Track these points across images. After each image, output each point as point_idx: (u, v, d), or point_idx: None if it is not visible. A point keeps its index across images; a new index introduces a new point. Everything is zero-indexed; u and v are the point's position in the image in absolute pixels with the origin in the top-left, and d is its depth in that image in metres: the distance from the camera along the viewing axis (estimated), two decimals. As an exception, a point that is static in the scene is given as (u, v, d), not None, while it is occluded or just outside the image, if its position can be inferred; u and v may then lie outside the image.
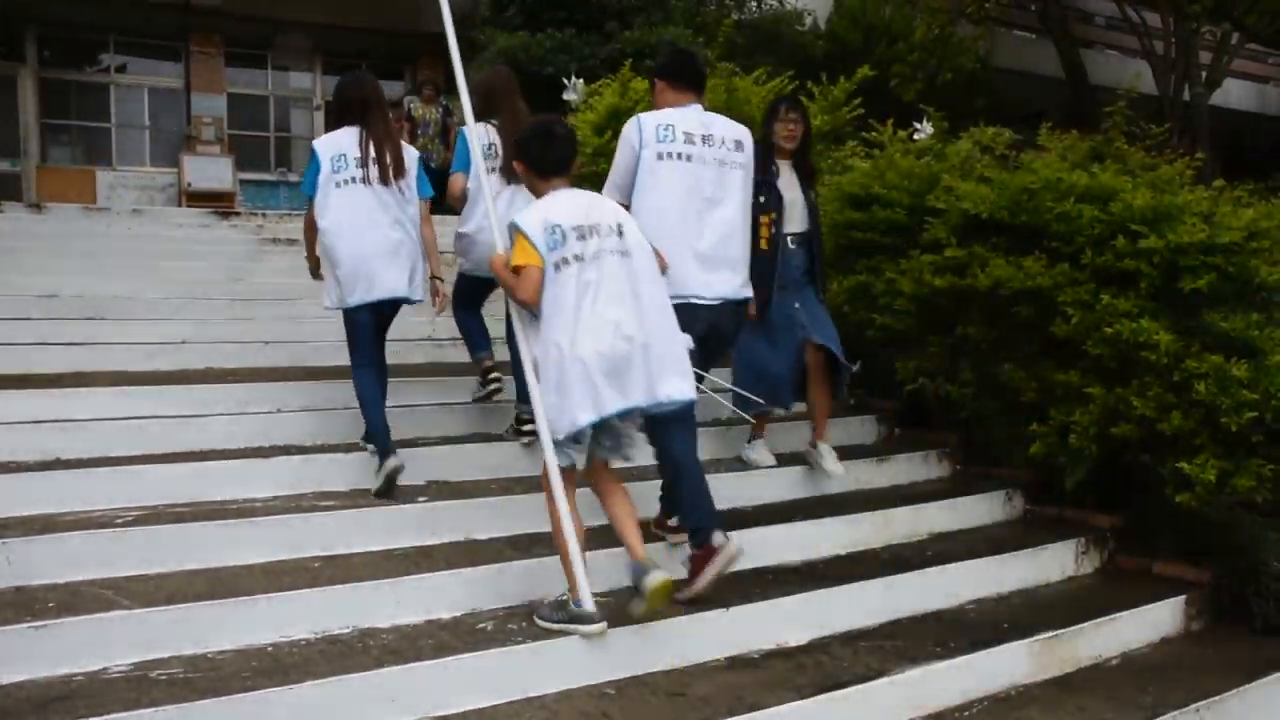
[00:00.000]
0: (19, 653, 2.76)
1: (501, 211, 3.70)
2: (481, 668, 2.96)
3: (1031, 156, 5.53)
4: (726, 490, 4.47)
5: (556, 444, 3.11)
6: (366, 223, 4.02)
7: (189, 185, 13.77)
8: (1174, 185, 5.01)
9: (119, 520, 3.51)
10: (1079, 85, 13.40)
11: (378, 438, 4.01)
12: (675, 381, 3.15)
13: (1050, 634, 3.61)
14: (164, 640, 2.92)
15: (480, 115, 4.18)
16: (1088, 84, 13.39)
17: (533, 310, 3.13)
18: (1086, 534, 4.52)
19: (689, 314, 3.54)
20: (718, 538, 3.43)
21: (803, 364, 4.59)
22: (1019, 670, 3.50)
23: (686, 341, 3.28)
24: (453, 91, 8.78)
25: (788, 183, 4.53)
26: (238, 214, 9.48)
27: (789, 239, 4.50)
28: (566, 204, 3.17)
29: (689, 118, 3.74)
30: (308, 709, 2.70)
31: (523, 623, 3.26)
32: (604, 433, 3.19)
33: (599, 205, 3.27)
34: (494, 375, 4.59)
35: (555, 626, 3.14)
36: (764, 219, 4.35)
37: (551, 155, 3.27)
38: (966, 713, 3.29)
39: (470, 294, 4.64)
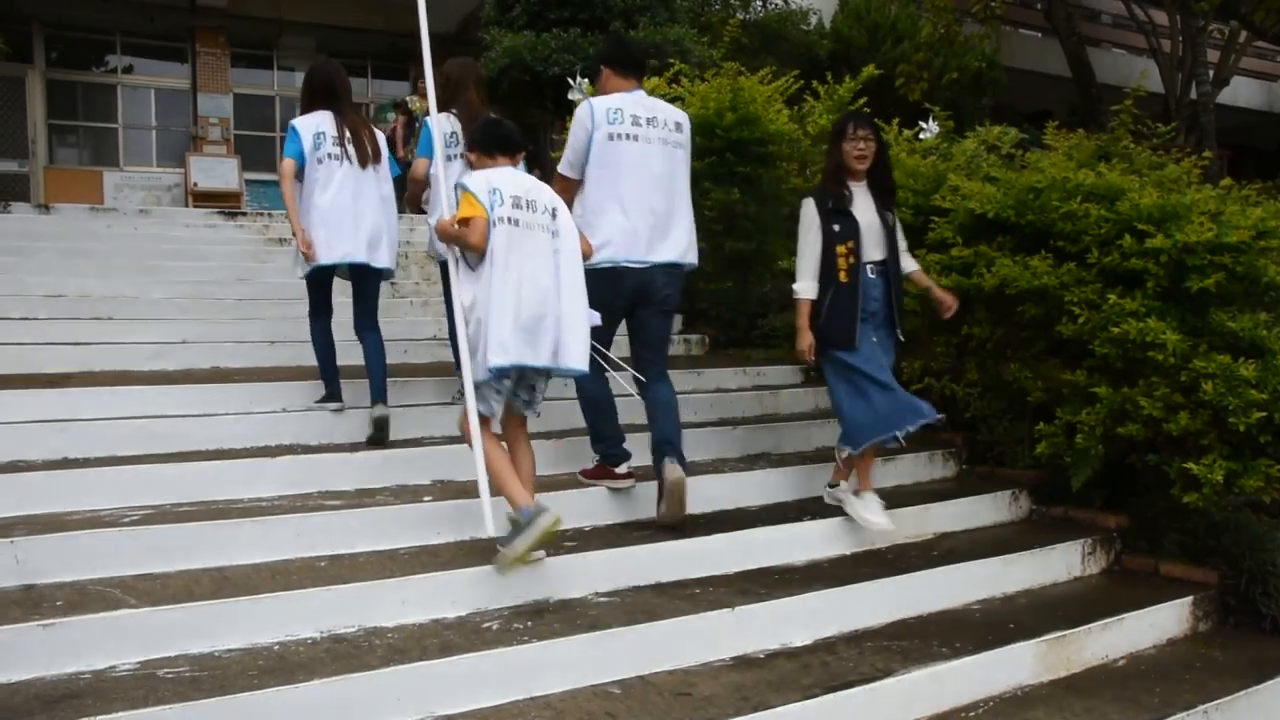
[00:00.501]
0: (27, 651, 2.77)
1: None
2: (486, 667, 2.96)
3: (1038, 156, 5.52)
4: (731, 490, 4.49)
5: (478, 389, 3.50)
6: (342, 195, 4.40)
7: (195, 185, 13.79)
8: (1181, 184, 5.00)
9: (126, 519, 3.52)
10: (1085, 84, 13.35)
11: (330, 385, 4.57)
12: (578, 353, 3.59)
13: (1057, 634, 3.61)
14: (171, 639, 2.93)
15: (442, 105, 4.51)
16: (1094, 82, 13.34)
17: (471, 262, 3.54)
18: (1093, 534, 4.52)
19: (635, 275, 4.08)
20: (667, 468, 3.99)
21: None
22: (1025, 671, 3.50)
23: (594, 318, 3.72)
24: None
25: (863, 205, 4.20)
26: (244, 214, 9.49)
27: (868, 268, 4.17)
28: (508, 177, 3.63)
29: (635, 102, 4.16)
30: (314, 708, 2.71)
31: (528, 622, 3.27)
32: (520, 386, 3.63)
33: (538, 188, 3.71)
34: None
35: (521, 543, 3.35)
36: (841, 248, 4.11)
37: (497, 138, 3.73)
38: (973, 713, 3.29)
39: (440, 278, 4.86)
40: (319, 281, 4.56)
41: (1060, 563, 4.36)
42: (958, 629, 3.68)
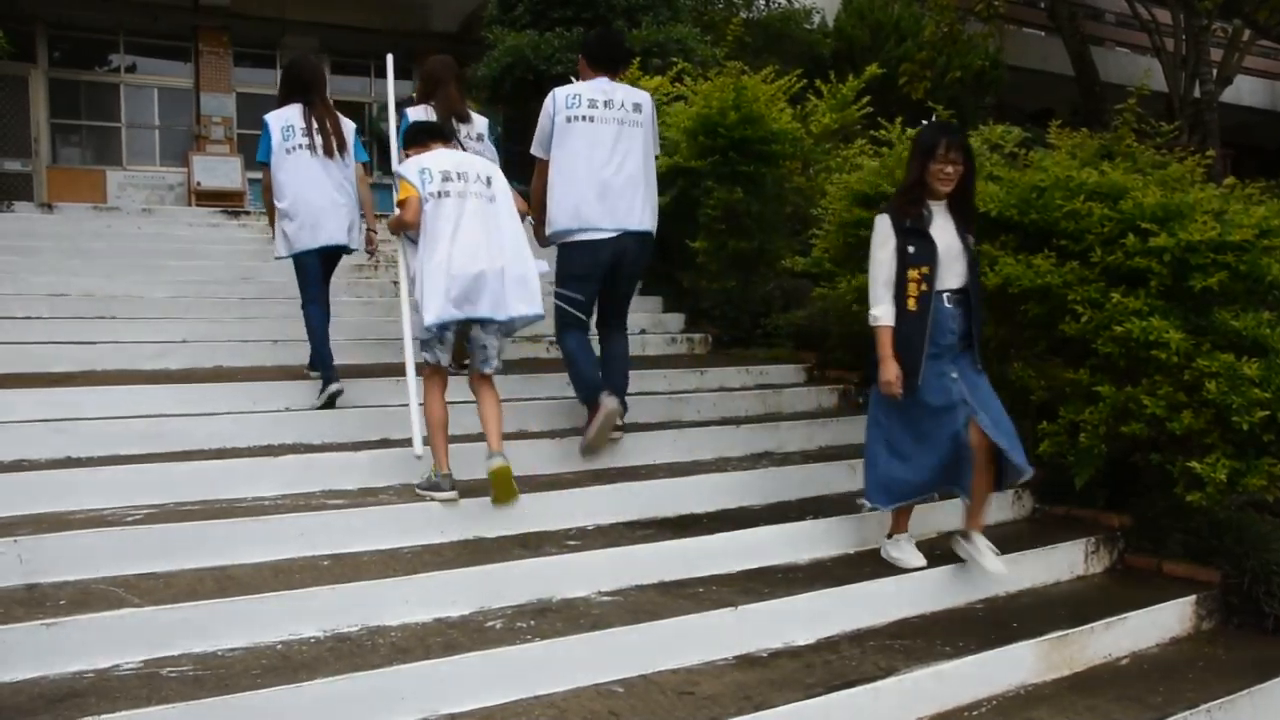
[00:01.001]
0: (31, 650, 2.78)
1: None
2: (490, 666, 2.97)
3: (1041, 154, 5.50)
4: (733, 489, 4.49)
5: (424, 344, 3.96)
6: (312, 184, 4.77)
7: (198, 184, 13.80)
8: (1184, 183, 4.98)
9: (129, 518, 3.52)
10: (1088, 83, 13.32)
11: (324, 366, 4.71)
12: (524, 301, 3.98)
13: (1059, 633, 3.61)
14: (174, 638, 2.94)
15: (423, 98, 5.21)
16: (1097, 81, 13.32)
17: (412, 235, 4.03)
18: (1096, 533, 4.51)
19: (595, 245, 4.48)
20: (604, 399, 4.42)
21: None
22: (1028, 670, 3.50)
23: (541, 266, 4.15)
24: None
25: (942, 228, 3.83)
26: (246, 213, 9.49)
27: (944, 297, 3.79)
28: (439, 157, 4.11)
29: (594, 88, 4.55)
30: (317, 707, 2.71)
31: (531, 621, 3.27)
32: (473, 344, 4.05)
33: (469, 161, 4.18)
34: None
35: (424, 494, 3.90)
36: (913, 273, 3.74)
37: (425, 129, 4.34)
38: (976, 712, 3.29)
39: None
40: (305, 266, 4.86)
41: (1063, 562, 4.36)
42: (961, 628, 3.68)
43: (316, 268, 4.87)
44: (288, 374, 5.06)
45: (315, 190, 4.77)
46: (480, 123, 5.39)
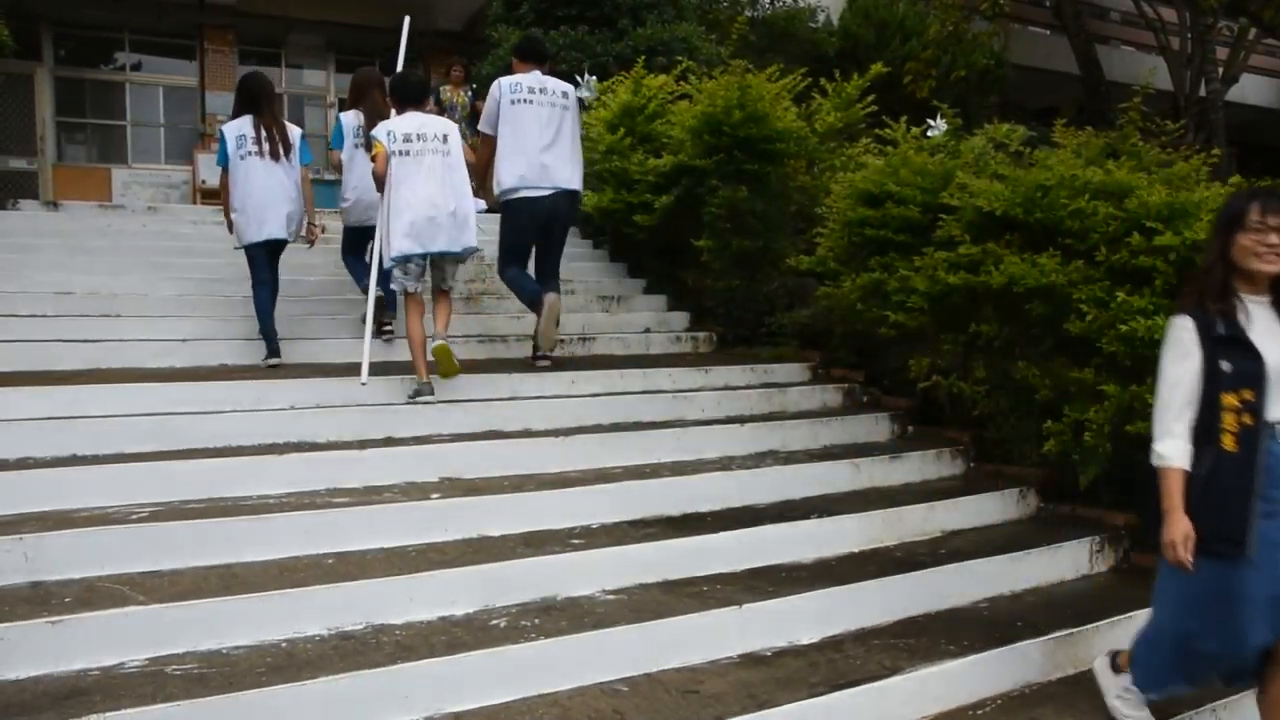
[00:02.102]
0: (36, 648, 2.78)
1: (362, 172, 5.71)
2: (494, 665, 2.97)
3: (1046, 153, 5.50)
4: (738, 487, 4.49)
5: (398, 275, 5.00)
6: (259, 186, 5.52)
7: (203, 182, 13.76)
8: (1190, 182, 4.97)
9: (134, 516, 3.53)
10: (1094, 81, 13.31)
11: (268, 339, 5.43)
12: (470, 235, 5.02)
13: (1065, 632, 3.60)
14: (179, 636, 2.94)
15: (352, 104, 6.13)
16: (1102, 80, 13.30)
17: (381, 184, 4.98)
18: (1101, 532, 4.51)
19: (544, 201, 5.55)
20: (545, 297, 5.45)
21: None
22: (1033, 669, 3.49)
23: (479, 205, 5.35)
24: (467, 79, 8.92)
25: (1267, 332, 2.82)
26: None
27: (1278, 431, 2.80)
28: (405, 120, 5.05)
29: (531, 79, 5.65)
30: (322, 706, 2.71)
31: (536, 619, 3.27)
32: (435, 271, 5.12)
33: (430, 123, 5.10)
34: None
35: (413, 400, 4.78)
36: (1230, 399, 2.78)
37: (407, 93, 5.20)
38: (980, 711, 3.28)
39: (352, 243, 6.14)
40: (254, 256, 5.57)
41: (1068, 561, 4.35)
42: (965, 627, 3.67)
43: (263, 257, 5.58)
44: (292, 372, 5.07)
45: (262, 191, 5.51)
46: None
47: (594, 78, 8.89)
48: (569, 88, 5.80)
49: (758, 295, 6.95)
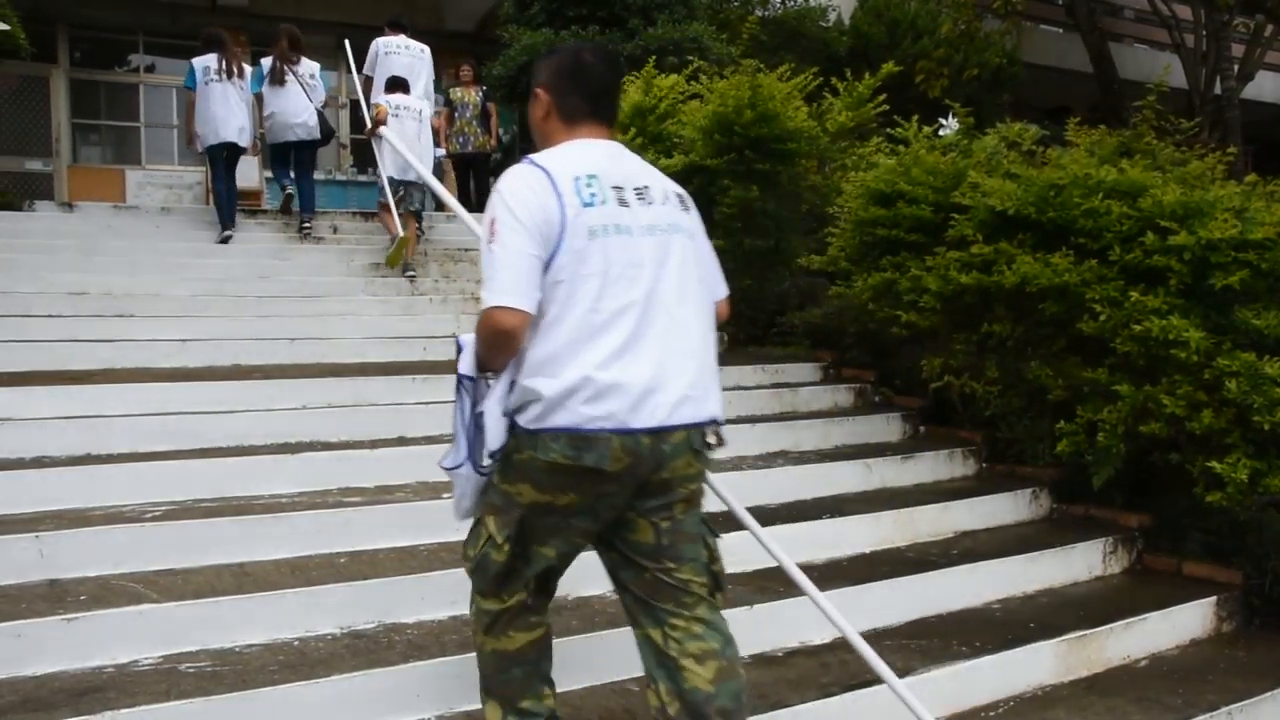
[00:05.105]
0: (52, 644, 2.80)
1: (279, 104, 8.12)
2: (506, 664, 2.96)
3: (1059, 152, 5.48)
4: (749, 487, 4.48)
5: (391, 193, 7.51)
6: (218, 103, 7.65)
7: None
8: (1205, 180, 4.95)
9: (148, 515, 3.55)
10: (1107, 79, 13.25)
11: (226, 220, 7.69)
12: (421, 173, 5.27)
13: (1078, 634, 3.59)
14: (192, 634, 2.96)
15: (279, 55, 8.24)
16: (1116, 78, 13.23)
17: (379, 133, 7.03)
18: (1114, 533, 4.49)
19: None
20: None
21: None
22: (1046, 670, 3.48)
23: (440, 153, 9.08)
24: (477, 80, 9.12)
25: None
26: (264, 211, 9.54)
27: None
28: (397, 97, 7.80)
29: (398, 40, 8.79)
30: (334, 704, 2.72)
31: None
32: (408, 194, 7.77)
33: (414, 100, 7.93)
34: (290, 193, 8.34)
35: (388, 250, 7.01)
36: None
37: (400, 86, 7.97)
38: (993, 713, 3.27)
39: (280, 156, 8.33)
40: (213, 158, 7.76)
41: (1081, 562, 4.33)
42: (978, 628, 3.66)
43: (221, 160, 7.69)
44: (305, 372, 5.09)
45: (220, 106, 7.64)
46: (310, 66, 8.32)
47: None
48: (425, 47, 8.92)
49: (769, 295, 6.94)
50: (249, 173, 14.14)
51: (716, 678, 2.32)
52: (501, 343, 2.22)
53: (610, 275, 2.23)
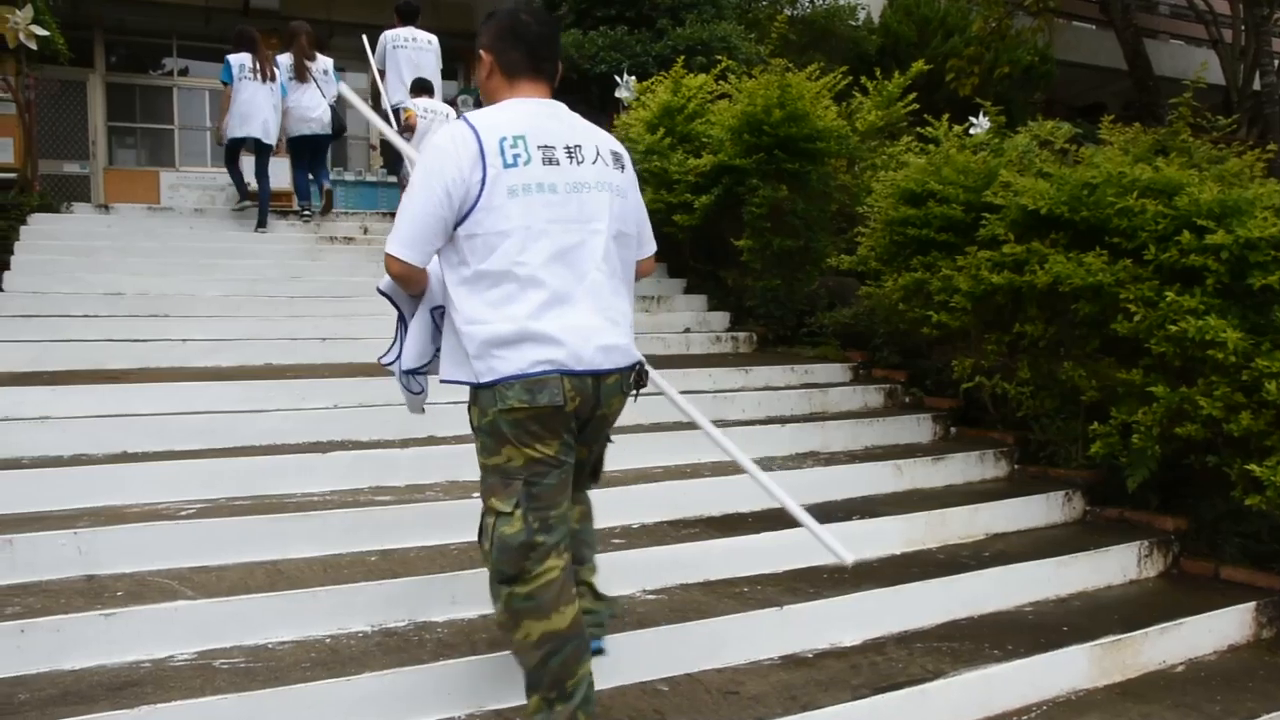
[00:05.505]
0: (91, 639, 2.84)
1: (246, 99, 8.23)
2: (535, 663, 2.97)
3: (1092, 150, 5.42)
4: (780, 488, 4.46)
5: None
6: (251, 99, 8.07)
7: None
8: (1243, 178, 4.88)
9: (183, 513, 3.59)
10: (1142, 76, 13.07)
11: (243, 196, 8.51)
12: None
13: (1112, 638, 3.54)
14: (226, 630, 2.99)
15: (284, 49, 8.60)
16: (1151, 75, 13.06)
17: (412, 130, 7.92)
18: (1150, 536, 4.43)
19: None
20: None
21: None
22: (1079, 675, 3.44)
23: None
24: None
25: None
26: (295, 212, 9.62)
27: None
28: (424, 101, 8.33)
29: (408, 32, 8.99)
30: (365, 701, 2.74)
31: (576, 619, 3.27)
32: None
33: (439, 105, 8.46)
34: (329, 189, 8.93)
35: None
36: None
37: (424, 89, 8.46)
38: (1025, 717, 3.24)
39: (296, 153, 8.72)
40: (235, 149, 8.34)
41: (1115, 565, 4.28)
42: (1010, 631, 3.63)
43: (239, 151, 8.33)
44: (336, 371, 5.13)
45: (251, 103, 8.05)
46: (324, 62, 8.60)
47: (633, 78, 8.90)
48: (433, 37, 9.26)
49: (798, 295, 6.92)
50: (280, 173, 14.32)
51: (581, 517, 2.80)
52: (399, 284, 2.61)
53: (533, 230, 2.42)
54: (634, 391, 2.62)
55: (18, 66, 8.29)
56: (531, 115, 2.55)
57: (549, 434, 2.43)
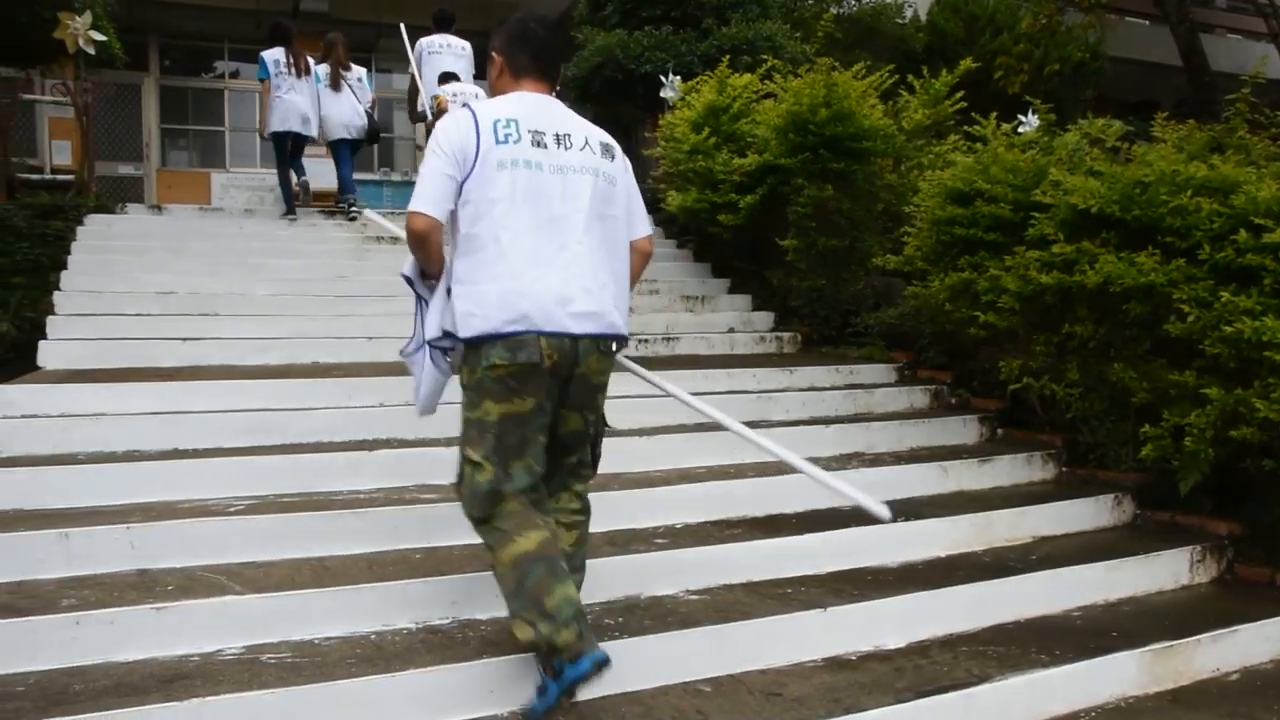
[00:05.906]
0: (143, 632, 2.90)
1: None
2: (577, 661, 2.98)
3: (1144, 148, 5.31)
4: (823, 489, 4.43)
5: None
6: (289, 94, 8.29)
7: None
8: (1303, 176, 4.75)
9: (232, 509, 3.65)
10: (1197, 72, 12.78)
11: (288, 202, 8.62)
12: None
13: (1163, 644, 3.47)
14: (273, 625, 3.03)
15: (321, 59, 8.80)
16: (1207, 70, 12.76)
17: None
18: (1202, 541, 4.34)
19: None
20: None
21: None
22: (1129, 681, 3.38)
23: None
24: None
25: None
26: (341, 211, 9.73)
27: None
28: (453, 86, 8.59)
29: (442, 39, 9.28)
30: (411, 698, 2.77)
31: (619, 618, 3.28)
32: None
33: (466, 88, 8.67)
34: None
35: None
36: None
37: (451, 79, 8.75)
38: (1073, 723, 3.19)
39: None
40: (279, 144, 8.44)
41: (1166, 570, 4.19)
42: (1057, 636, 3.57)
43: (284, 145, 8.42)
44: (382, 370, 5.18)
45: (288, 99, 8.27)
46: (358, 70, 8.95)
47: (678, 78, 8.89)
48: (467, 43, 9.39)
49: (844, 295, 6.88)
50: (327, 174, 14.50)
51: (575, 542, 2.96)
52: (417, 242, 2.76)
53: (516, 200, 2.71)
54: (612, 348, 2.84)
55: (76, 71, 8.50)
56: (527, 105, 2.85)
57: (527, 391, 2.71)
